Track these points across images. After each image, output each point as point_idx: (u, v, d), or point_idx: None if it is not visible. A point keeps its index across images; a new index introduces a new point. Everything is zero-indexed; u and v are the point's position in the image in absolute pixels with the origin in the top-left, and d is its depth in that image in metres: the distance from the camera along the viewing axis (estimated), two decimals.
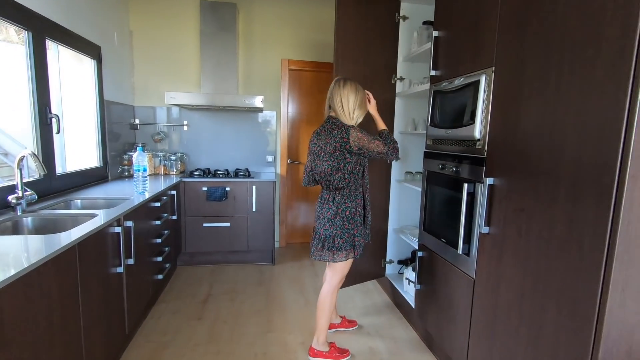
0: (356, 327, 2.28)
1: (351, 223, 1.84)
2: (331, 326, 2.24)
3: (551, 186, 1.15)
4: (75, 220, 1.74)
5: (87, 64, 2.60)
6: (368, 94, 1.95)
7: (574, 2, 1.07)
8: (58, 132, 2.07)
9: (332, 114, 1.88)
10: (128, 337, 2.00)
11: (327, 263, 1.94)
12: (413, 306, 2.19)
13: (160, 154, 3.28)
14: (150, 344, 2.02)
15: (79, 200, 2.11)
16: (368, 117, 1.96)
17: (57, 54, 2.38)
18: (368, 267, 2.64)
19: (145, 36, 3.30)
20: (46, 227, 1.72)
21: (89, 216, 1.71)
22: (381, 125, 1.93)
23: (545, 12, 1.18)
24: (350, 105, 1.82)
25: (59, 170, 2.25)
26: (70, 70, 2.49)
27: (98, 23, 2.65)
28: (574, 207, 1.06)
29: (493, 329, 1.44)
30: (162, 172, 3.27)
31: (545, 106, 1.18)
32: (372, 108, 1.96)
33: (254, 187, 3.10)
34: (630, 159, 0.91)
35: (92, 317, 1.50)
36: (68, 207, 2.05)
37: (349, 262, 1.92)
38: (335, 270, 1.92)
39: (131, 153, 3.04)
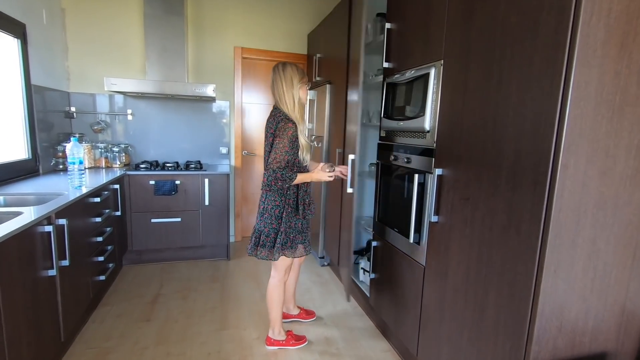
0: (314, 318, 2.28)
1: (279, 223, 1.79)
2: (287, 316, 2.24)
3: (493, 175, 1.21)
4: None
5: (9, 43, 2.30)
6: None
7: None
8: None
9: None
10: (64, 345, 1.83)
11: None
12: (368, 295, 2.23)
13: (101, 145, 3.03)
14: (91, 351, 1.87)
15: (1, 197, 1.87)
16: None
17: None
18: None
19: (80, 15, 2.99)
20: None
21: (13, 214, 1.52)
22: (307, 176, 1.79)
23: (488, 8, 1.22)
24: (287, 92, 1.77)
25: None
26: None
27: None
28: (514, 196, 1.12)
29: (441, 313, 1.50)
30: (103, 164, 3.02)
31: (488, 99, 1.23)
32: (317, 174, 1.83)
33: (206, 180, 2.97)
34: (562, 149, 0.97)
35: (19, 326, 1.34)
36: None
37: (289, 259, 1.87)
38: (276, 265, 1.89)
39: (66, 144, 2.77)
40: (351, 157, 1.98)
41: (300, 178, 1.76)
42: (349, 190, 2.02)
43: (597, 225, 1.05)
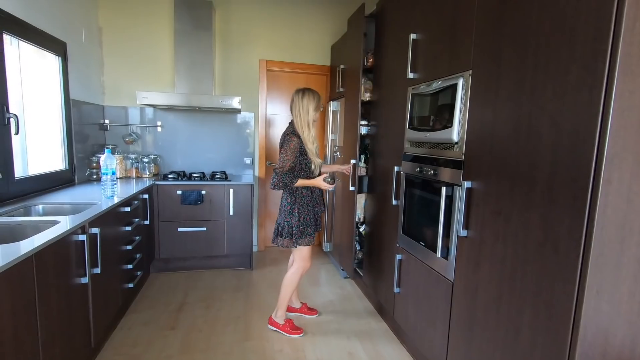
0: (317, 315, 2.43)
1: (292, 216, 2.09)
2: (290, 309, 2.42)
3: (527, 189, 1.15)
4: (35, 228, 1.62)
5: (51, 61, 2.45)
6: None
7: (548, 6, 1.07)
8: (17, 132, 1.94)
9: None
10: (94, 350, 1.88)
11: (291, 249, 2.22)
12: (393, 308, 2.18)
13: (132, 156, 3.15)
14: (119, 357, 1.91)
15: (40, 206, 1.97)
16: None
17: (18, 50, 2.23)
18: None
19: (115, 33, 3.16)
20: (1, 236, 1.59)
21: (50, 223, 1.60)
22: (306, 182, 2.08)
23: (519, 16, 1.19)
24: (303, 116, 2.06)
25: (19, 173, 2.10)
26: (34, 67, 2.34)
27: (63, 18, 2.51)
28: (550, 211, 1.06)
29: (471, 332, 1.44)
30: (134, 175, 3.13)
31: (520, 109, 1.18)
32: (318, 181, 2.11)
33: (231, 190, 3.02)
34: (604, 162, 0.92)
35: (53, 332, 1.39)
36: (28, 213, 1.92)
37: (306, 248, 2.15)
38: (294, 254, 2.20)
39: (100, 155, 2.90)
40: (352, 161, 2.58)
41: (301, 182, 2.06)
42: (351, 188, 2.63)
43: None
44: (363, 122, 2.65)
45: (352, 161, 2.61)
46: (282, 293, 2.21)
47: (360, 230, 2.77)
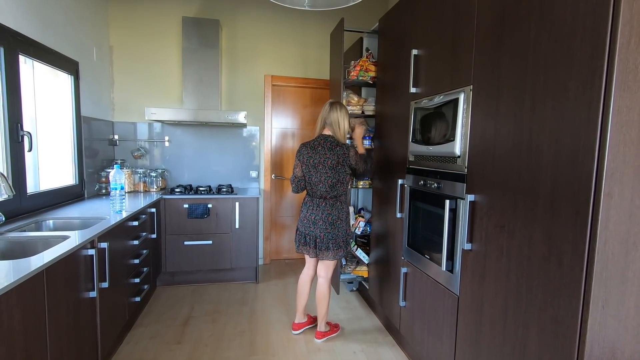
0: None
1: (348, 224, 2.20)
2: (296, 326, 2.37)
3: (530, 203, 1.16)
4: (46, 243, 1.65)
5: (64, 80, 2.53)
6: (360, 125, 2.43)
7: (545, 25, 1.10)
8: (30, 150, 1.99)
9: (327, 132, 2.18)
10: None
11: (320, 261, 2.24)
12: (399, 322, 2.16)
13: (140, 170, 3.20)
14: None
15: (51, 221, 2.01)
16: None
17: (32, 70, 2.31)
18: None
19: (125, 51, 3.25)
20: (13, 251, 1.62)
21: (61, 238, 1.63)
22: (361, 149, 2.32)
23: (518, 35, 1.22)
24: (345, 125, 2.18)
25: (31, 189, 2.15)
26: (47, 86, 2.42)
27: (76, 38, 2.60)
28: (553, 225, 1.07)
29: (478, 347, 1.42)
30: (141, 189, 3.18)
31: (521, 124, 1.20)
32: (358, 135, 2.39)
33: (237, 203, 3.05)
34: (604, 176, 0.92)
35: (61, 346, 1.41)
36: (39, 228, 1.96)
37: None
38: (329, 266, 2.23)
39: (109, 170, 2.95)
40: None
41: (362, 150, 2.31)
42: None
43: None
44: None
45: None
46: (323, 308, 2.24)
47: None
